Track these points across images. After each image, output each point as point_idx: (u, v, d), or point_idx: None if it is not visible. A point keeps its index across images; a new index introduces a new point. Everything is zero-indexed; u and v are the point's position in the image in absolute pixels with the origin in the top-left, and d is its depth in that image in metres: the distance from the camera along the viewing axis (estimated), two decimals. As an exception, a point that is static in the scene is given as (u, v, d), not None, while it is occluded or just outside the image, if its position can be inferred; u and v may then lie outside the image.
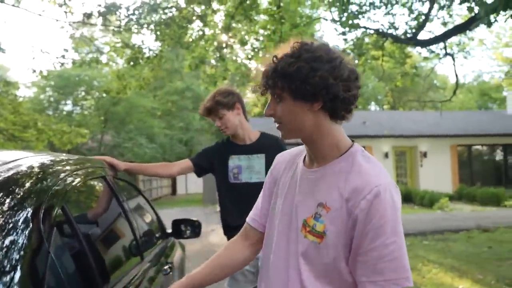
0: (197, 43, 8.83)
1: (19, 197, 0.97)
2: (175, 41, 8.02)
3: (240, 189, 2.17)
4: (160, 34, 7.86)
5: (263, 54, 9.41)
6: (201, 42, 8.93)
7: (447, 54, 9.88)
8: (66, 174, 1.23)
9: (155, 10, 7.73)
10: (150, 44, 27.07)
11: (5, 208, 0.93)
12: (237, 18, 8.72)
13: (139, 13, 7.66)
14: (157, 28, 7.79)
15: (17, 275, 0.82)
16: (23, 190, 1.01)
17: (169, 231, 2.36)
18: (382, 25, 10.05)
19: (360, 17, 9.23)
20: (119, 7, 7.54)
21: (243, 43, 9.48)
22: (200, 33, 8.87)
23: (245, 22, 8.95)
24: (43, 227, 0.95)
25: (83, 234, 1.20)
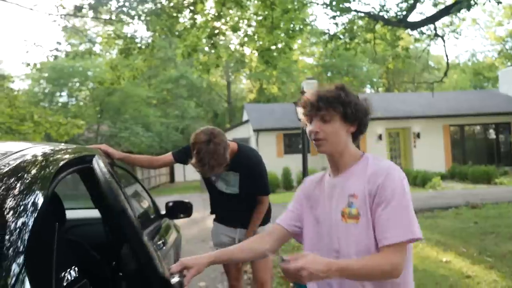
0: (189, 31, 8.88)
1: (27, 182, 1.14)
2: (167, 31, 8.08)
3: (215, 191, 2.51)
4: (151, 24, 7.91)
5: (256, 40, 9.48)
6: (193, 30, 8.98)
7: (437, 35, 9.96)
8: (65, 161, 1.39)
9: (144, 1, 7.77)
10: (142, 33, 26.90)
11: (16, 192, 1.09)
12: (228, 5, 8.76)
13: (129, 4, 7.70)
14: (148, 18, 7.84)
15: (28, 254, 0.90)
16: (30, 176, 1.17)
17: (163, 212, 2.56)
18: (373, 7, 10.08)
19: (350, 0, 9.26)
20: (109, -1, 7.59)
21: (235, 29, 9.53)
22: (191, 22, 8.91)
23: (236, 8, 8.98)
24: (48, 208, 1.11)
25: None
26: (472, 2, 4.71)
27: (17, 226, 0.94)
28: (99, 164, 1.48)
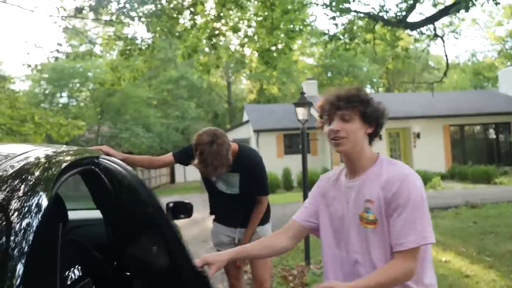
0: (190, 32, 8.91)
1: (31, 184, 1.16)
2: (167, 32, 8.10)
3: (216, 191, 2.52)
4: (151, 25, 7.94)
5: (256, 40, 9.50)
6: (193, 31, 9.00)
7: (436, 35, 9.97)
8: (67, 163, 1.42)
9: (145, 2, 7.80)
10: (142, 35, 26.95)
11: (20, 193, 1.12)
12: (228, 6, 8.78)
13: (130, 6, 7.73)
14: (148, 20, 7.87)
15: (32, 254, 0.93)
16: (34, 178, 1.20)
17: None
18: (372, 8, 10.11)
19: (350, 0, 9.27)
20: (110, 0, 7.62)
21: (235, 30, 9.55)
22: (191, 23, 8.93)
23: (236, 9, 9.00)
24: (52, 209, 1.13)
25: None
26: (470, 3, 4.73)
27: (22, 227, 0.96)
28: (117, 162, 1.52)
